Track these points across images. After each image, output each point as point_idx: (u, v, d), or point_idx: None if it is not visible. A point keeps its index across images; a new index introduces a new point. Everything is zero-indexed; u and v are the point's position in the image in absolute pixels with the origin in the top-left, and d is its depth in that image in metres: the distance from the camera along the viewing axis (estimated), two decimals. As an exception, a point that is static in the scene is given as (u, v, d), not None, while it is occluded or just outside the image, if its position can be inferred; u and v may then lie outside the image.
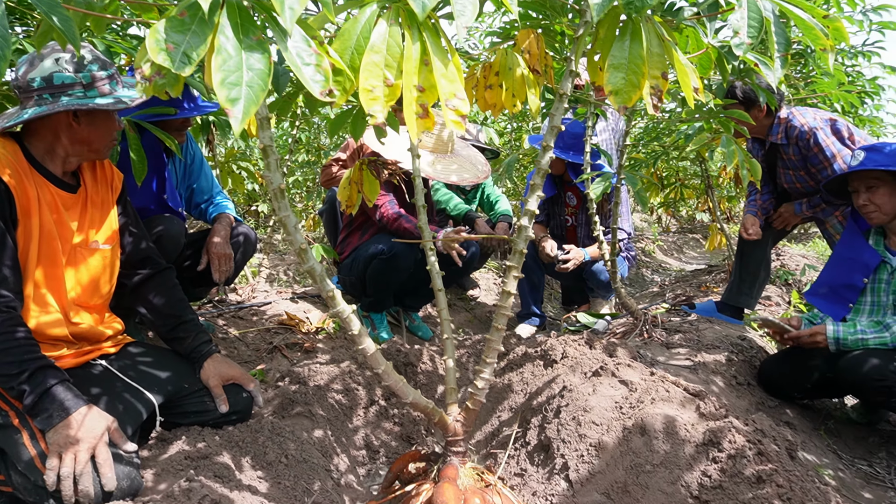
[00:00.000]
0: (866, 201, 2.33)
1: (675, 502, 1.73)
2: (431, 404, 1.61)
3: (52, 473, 1.43)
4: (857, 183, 2.36)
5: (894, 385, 2.18)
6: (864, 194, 2.33)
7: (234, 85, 0.74)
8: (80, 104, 1.62)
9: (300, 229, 1.35)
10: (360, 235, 3.14)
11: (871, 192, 2.32)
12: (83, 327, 1.77)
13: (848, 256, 2.49)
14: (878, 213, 2.33)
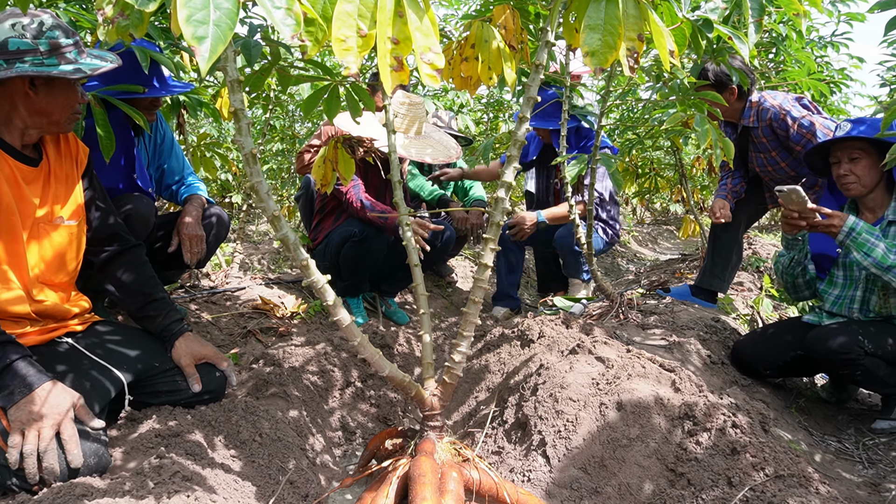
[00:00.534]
0: (847, 171, 2.34)
1: (651, 475, 1.74)
2: (408, 378, 1.59)
3: (15, 451, 1.38)
4: (841, 153, 2.36)
5: (858, 358, 2.23)
6: (846, 164, 2.34)
7: (201, 23, 0.71)
8: (36, 71, 1.54)
9: (272, 196, 1.31)
10: (333, 220, 3.11)
11: (854, 163, 2.33)
12: (47, 305, 1.72)
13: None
14: (857, 185, 2.34)
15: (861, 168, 2.32)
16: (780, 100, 2.90)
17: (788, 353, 2.52)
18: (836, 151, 2.39)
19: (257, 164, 1.28)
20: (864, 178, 2.33)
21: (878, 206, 2.39)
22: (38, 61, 1.56)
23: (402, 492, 1.55)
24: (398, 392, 2.43)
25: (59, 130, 1.74)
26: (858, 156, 2.33)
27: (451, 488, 1.51)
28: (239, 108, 1.23)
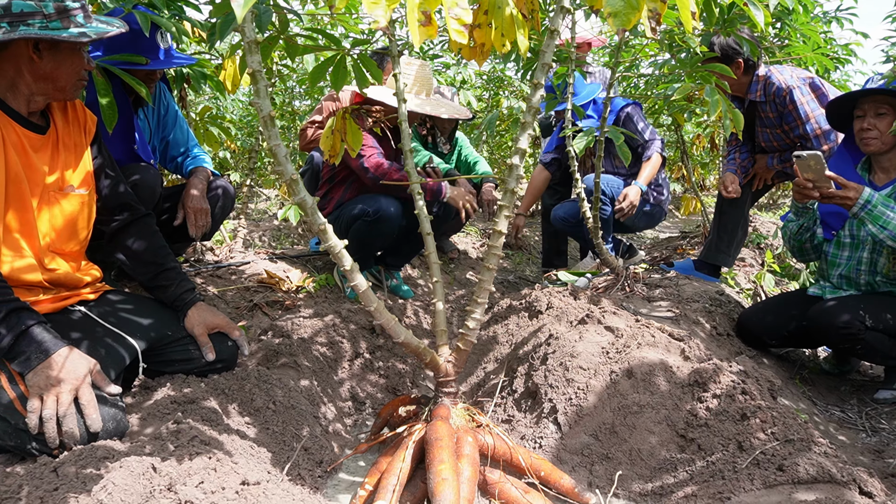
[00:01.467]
0: (871, 126, 2.30)
1: (662, 441, 1.76)
2: (423, 344, 1.60)
3: (34, 415, 1.38)
4: (868, 106, 2.32)
5: (858, 332, 2.25)
6: (871, 119, 2.31)
7: (236, -30, 0.71)
8: (40, 34, 1.51)
9: (290, 159, 1.31)
10: (343, 190, 3.07)
11: (879, 118, 2.29)
12: (59, 273, 1.71)
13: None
14: (878, 142, 2.31)
15: (885, 124, 2.28)
16: (786, 75, 2.88)
17: (792, 324, 2.54)
18: (863, 104, 2.34)
19: (275, 126, 1.27)
20: (886, 136, 2.29)
21: (893, 168, 2.37)
22: (43, 24, 1.53)
23: (419, 455, 1.57)
24: (406, 363, 2.45)
25: (65, 97, 1.71)
26: (886, 111, 2.29)
27: (467, 452, 1.53)
28: (256, 70, 1.22)
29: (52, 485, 1.21)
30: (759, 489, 1.49)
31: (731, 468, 1.60)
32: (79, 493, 1.15)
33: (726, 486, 1.54)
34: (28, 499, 1.18)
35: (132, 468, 1.05)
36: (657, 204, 3.61)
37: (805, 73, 2.95)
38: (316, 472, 1.69)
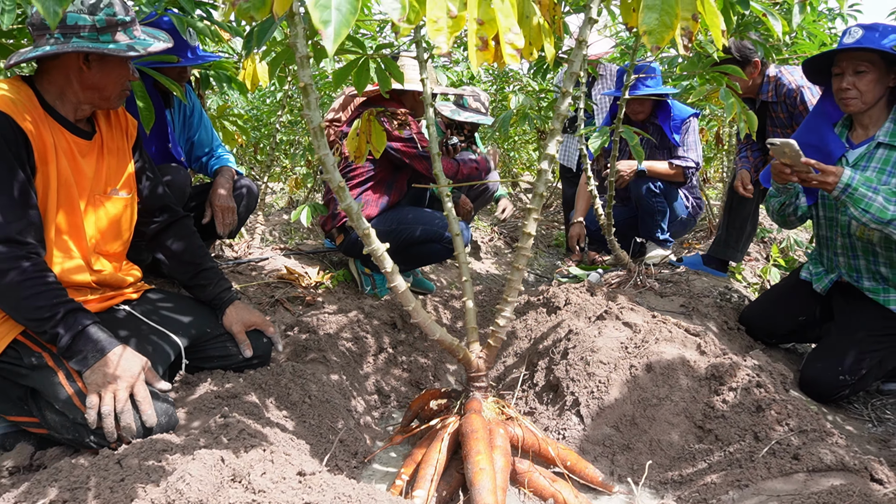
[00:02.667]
0: (850, 85, 2.17)
1: (680, 432, 1.85)
2: (457, 341, 1.68)
3: (93, 411, 1.46)
4: (846, 64, 2.18)
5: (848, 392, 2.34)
6: (850, 77, 2.17)
7: (325, 7, 0.77)
8: (91, 47, 1.58)
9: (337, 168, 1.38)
10: (383, 192, 3.04)
11: (858, 76, 2.16)
12: (105, 274, 1.79)
13: (813, 144, 2.35)
14: (858, 102, 2.19)
15: (865, 83, 2.15)
16: (796, 76, 2.95)
17: (792, 322, 2.62)
18: (841, 62, 2.20)
19: (324, 137, 1.34)
20: (867, 95, 2.16)
21: (873, 124, 2.26)
22: (94, 37, 1.60)
23: (453, 447, 1.65)
24: (428, 357, 2.53)
25: (110, 106, 1.77)
26: (865, 69, 2.15)
27: (500, 444, 1.61)
28: (308, 84, 1.29)
29: (118, 476, 1.29)
30: (776, 477, 1.58)
31: (748, 458, 1.69)
32: (145, 482, 1.24)
33: (744, 474, 1.62)
34: (97, 489, 1.26)
35: (205, 460, 1.12)
36: (693, 216, 3.82)
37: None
38: (352, 463, 1.78)
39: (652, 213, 3.61)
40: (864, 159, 2.24)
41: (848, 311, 2.46)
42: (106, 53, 1.61)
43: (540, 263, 4.72)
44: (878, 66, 2.16)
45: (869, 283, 2.38)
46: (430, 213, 3.02)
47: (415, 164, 2.92)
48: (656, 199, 3.58)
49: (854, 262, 2.40)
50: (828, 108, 2.37)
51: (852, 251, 2.38)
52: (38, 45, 1.60)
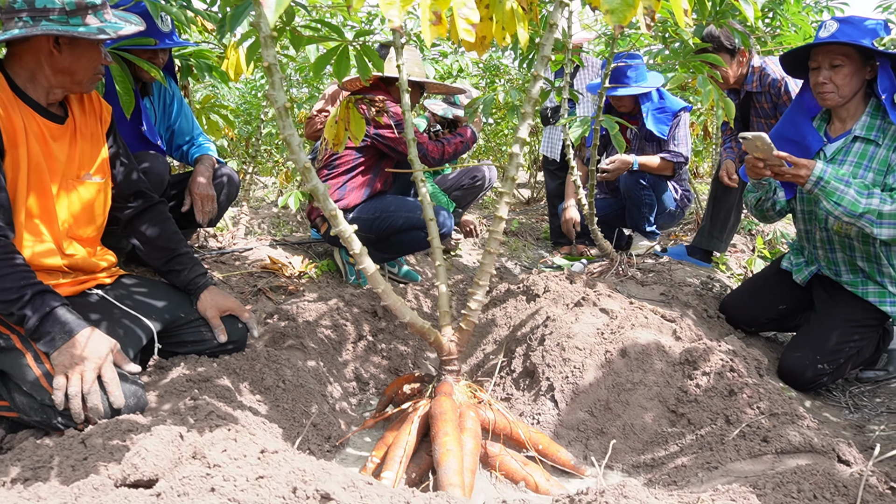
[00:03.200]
0: (826, 80, 2.17)
1: (654, 416, 1.86)
2: (428, 325, 1.68)
3: (60, 392, 1.46)
4: (822, 58, 2.17)
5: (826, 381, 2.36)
6: (826, 71, 2.16)
7: (267, -25, 0.77)
8: (60, 30, 1.57)
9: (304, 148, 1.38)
10: (368, 180, 3.05)
11: (835, 70, 2.15)
12: (77, 258, 1.78)
13: (792, 138, 2.35)
14: (835, 96, 2.18)
15: (841, 77, 2.15)
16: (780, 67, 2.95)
17: (770, 312, 2.63)
18: (817, 55, 2.19)
19: (289, 117, 1.34)
20: (843, 88, 2.16)
21: (850, 118, 2.26)
22: (63, 20, 1.59)
23: (424, 429, 1.65)
24: (408, 345, 2.53)
25: (82, 90, 1.76)
26: (841, 62, 2.14)
27: (469, 426, 1.62)
28: (272, 63, 1.29)
29: (81, 455, 1.29)
30: (745, 459, 1.59)
31: (718, 440, 1.69)
32: (108, 461, 1.24)
33: (714, 456, 1.63)
34: (60, 467, 1.26)
35: (162, 436, 1.13)
36: (682, 208, 3.83)
37: None
38: (325, 447, 1.78)
39: (639, 205, 3.62)
40: (842, 153, 2.24)
41: (827, 301, 2.47)
42: (76, 36, 1.60)
43: (528, 256, 4.72)
44: (854, 60, 2.16)
45: (847, 277, 2.39)
46: (412, 202, 3.03)
47: (401, 149, 2.92)
48: (644, 191, 3.59)
49: (832, 255, 2.41)
50: (806, 101, 2.36)
51: (830, 245, 2.39)
52: (7, 29, 1.59)
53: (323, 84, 5.18)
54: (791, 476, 1.39)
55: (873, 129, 2.19)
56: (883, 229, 2.03)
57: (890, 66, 2.15)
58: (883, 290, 2.32)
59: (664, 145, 3.57)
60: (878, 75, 2.14)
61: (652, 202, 3.63)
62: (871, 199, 2.04)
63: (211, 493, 0.96)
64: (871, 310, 2.35)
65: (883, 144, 2.16)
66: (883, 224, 2.03)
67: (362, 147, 3.01)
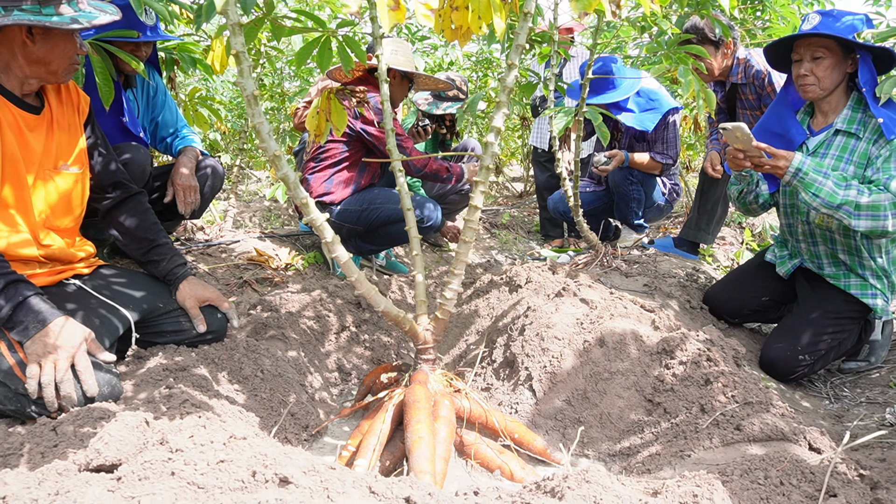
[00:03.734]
0: (808, 72, 2.19)
1: (630, 405, 1.86)
2: (403, 313, 1.69)
3: (34, 381, 1.46)
4: (804, 50, 2.20)
5: (806, 371, 2.37)
6: (808, 64, 2.19)
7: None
8: (32, 20, 1.55)
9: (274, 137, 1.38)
10: (355, 174, 3.05)
11: (816, 62, 2.18)
12: (54, 249, 1.78)
13: (776, 131, 2.38)
14: (816, 88, 2.21)
15: (822, 69, 2.17)
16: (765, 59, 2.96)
17: (754, 303, 2.64)
18: (799, 48, 2.22)
19: (258, 105, 1.34)
20: (825, 81, 2.19)
21: (832, 111, 2.28)
22: (36, 10, 1.57)
23: (398, 418, 1.66)
24: (391, 336, 2.54)
25: (57, 80, 1.75)
26: (822, 55, 2.17)
27: (444, 414, 1.62)
28: (240, 51, 1.29)
29: (51, 442, 1.29)
30: (718, 447, 1.60)
31: (693, 429, 1.70)
32: (77, 448, 1.24)
33: (687, 444, 1.64)
34: (30, 454, 1.26)
35: (127, 421, 1.13)
36: (670, 202, 3.83)
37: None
38: (302, 436, 1.79)
39: (628, 199, 3.62)
40: (824, 146, 2.26)
41: (810, 293, 2.48)
42: (48, 26, 1.58)
43: (518, 249, 4.73)
44: (835, 52, 2.17)
45: (830, 270, 2.40)
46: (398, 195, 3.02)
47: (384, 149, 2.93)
48: (633, 186, 3.59)
49: (814, 248, 2.42)
50: (791, 95, 2.38)
51: (812, 238, 2.40)
52: None
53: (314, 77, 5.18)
54: (759, 463, 1.39)
55: (854, 122, 2.20)
56: (861, 221, 2.03)
57: (871, 59, 2.16)
58: (864, 283, 2.33)
59: (653, 145, 3.57)
60: (859, 68, 2.15)
61: (640, 197, 3.64)
62: (849, 191, 2.04)
63: (171, 476, 0.96)
64: (853, 302, 2.36)
65: (863, 138, 2.17)
66: (861, 216, 2.03)
67: (348, 140, 3.01)
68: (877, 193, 2.02)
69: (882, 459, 1.74)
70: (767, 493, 1.26)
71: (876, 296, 2.33)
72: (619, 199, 3.70)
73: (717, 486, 1.24)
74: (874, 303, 2.33)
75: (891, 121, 2.08)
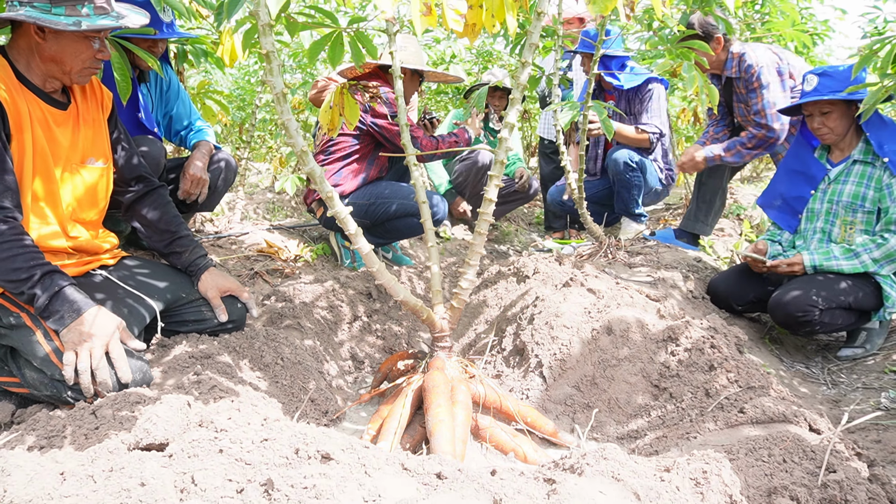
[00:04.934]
0: (820, 125, 2.52)
1: (637, 390, 1.94)
2: (420, 302, 1.76)
3: (70, 368, 1.53)
4: (812, 108, 2.54)
5: (815, 318, 2.43)
6: (819, 118, 2.52)
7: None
8: (33, 17, 1.58)
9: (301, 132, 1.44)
10: (364, 167, 3.11)
11: (826, 116, 2.50)
12: (81, 240, 1.84)
13: (798, 170, 2.70)
14: (831, 135, 2.54)
15: (833, 120, 2.50)
16: (759, 54, 3.01)
17: (757, 290, 2.72)
18: (807, 106, 2.56)
19: (287, 103, 1.40)
20: (837, 128, 2.51)
21: (847, 147, 2.59)
22: (46, 8, 1.59)
23: (417, 403, 1.73)
24: (402, 325, 2.61)
25: (71, 81, 1.76)
26: (829, 109, 2.49)
27: (461, 399, 1.69)
28: (270, 51, 1.35)
29: (93, 424, 1.36)
30: (722, 429, 1.67)
31: (698, 412, 1.78)
32: (118, 429, 1.31)
33: (693, 427, 1.71)
34: (73, 436, 1.33)
35: (171, 403, 1.20)
36: (666, 185, 3.91)
37: (775, 59, 3.08)
38: (322, 421, 1.86)
39: (629, 187, 3.69)
40: (844, 174, 2.57)
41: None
42: (43, 25, 1.59)
43: (521, 240, 4.80)
44: (840, 105, 2.49)
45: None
46: (406, 188, 3.09)
47: (396, 141, 2.98)
48: (633, 173, 3.66)
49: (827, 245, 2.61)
50: (806, 136, 2.72)
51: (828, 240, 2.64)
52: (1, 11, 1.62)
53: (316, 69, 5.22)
54: (763, 442, 1.47)
55: (869, 153, 2.52)
56: (884, 268, 2.41)
57: None
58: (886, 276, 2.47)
59: (638, 118, 3.65)
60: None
61: (640, 183, 3.71)
62: (861, 258, 2.41)
63: (219, 454, 1.03)
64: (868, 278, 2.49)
65: (878, 166, 2.48)
66: (882, 265, 2.41)
67: (358, 134, 3.06)
68: (883, 243, 2.38)
69: (878, 441, 1.83)
70: (771, 470, 1.33)
71: (893, 287, 2.44)
72: (619, 187, 3.77)
73: (725, 463, 1.32)
74: (889, 293, 2.42)
75: (894, 154, 2.41)
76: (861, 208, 2.50)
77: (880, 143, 2.45)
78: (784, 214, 2.76)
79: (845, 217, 2.54)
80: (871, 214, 2.49)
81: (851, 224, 2.53)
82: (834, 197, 2.58)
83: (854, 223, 2.52)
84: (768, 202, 2.83)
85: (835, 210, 2.56)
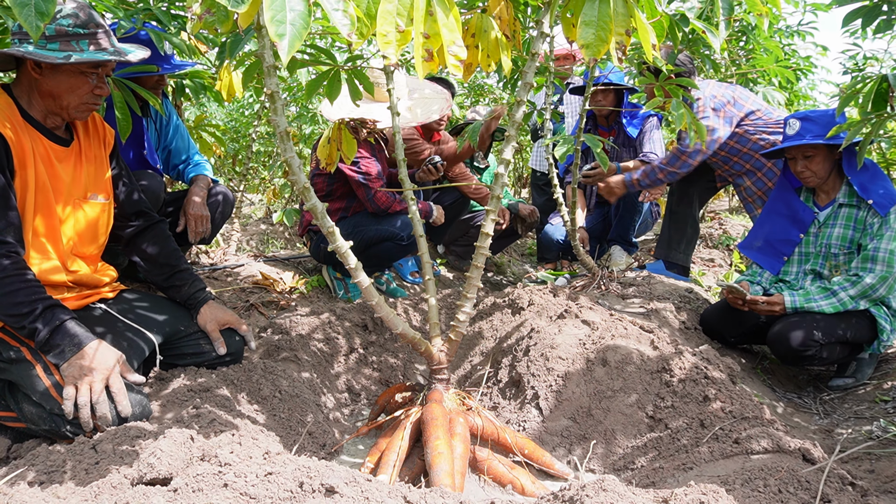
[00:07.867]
0: (804, 168, 2.57)
1: (633, 421, 1.96)
2: (419, 335, 1.78)
3: (70, 402, 1.53)
4: (795, 151, 2.59)
5: (816, 353, 2.47)
6: (802, 161, 2.57)
7: (281, 23, 0.88)
8: (32, 53, 1.61)
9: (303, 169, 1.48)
10: (345, 206, 3.19)
11: (808, 160, 2.56)
12: (81, 274, 1.86)
13: (784, 213, 2.74)
14: (814, 178, 2.59)
15: (816, 164, 2.55)
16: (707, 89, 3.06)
17: (751, 322, 2.76)
18: (790, 150, 2.61)
19: (290, 140, 1.44)
20: (820, 171, 2.57)
21: (831, 189, 2.64)
22: (41, 44, 1.63)
23: (416, 435, 1.74)
24: (398, 357, 2.62)
25: (70, 117, 1.79)
26: (812, 154, 2.55)
27: (459, 431, 1.71)
28: (275, 91, 1.39)
29: (93, 459, 1.36)
30: (718, 460, 1.69)
31: (693, 443, 1.80)
32: (119, 464, 1.31)
33: (689, 458, 1.73)
34: (73, 471, 1.33)
35: (175, 438, 1.20)
36: (655, 218, 4.02)
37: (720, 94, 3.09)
38: (320, 454, 1.86)
39: (633, 212, 3.79)
40: (832, 218, 2.62)
41: None
42: (38, 60, 1.63)
43: (513, 272, 4.84)
44: (821, 149, 2.55)
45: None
46: (386, 218, 3.14)
47: (359, 192, 3.07)
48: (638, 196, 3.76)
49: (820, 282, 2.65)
50: (790, 179, 2.77)
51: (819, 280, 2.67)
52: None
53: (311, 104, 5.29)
54: (758, 473, 1.49)
55: (854, 196, 2.58)
56: (860, 303, 2.44)
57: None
58: (879, 307, 2.51)
59: (641, 148, 3.74)
60: (844, 157, 2.53)
61: (642, 208, 3.81)
62: (838, 296, 2.44)
63: (224, 488, 1.04)
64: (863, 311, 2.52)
65: (863, 208, 2.55)
66: (859, 302, 2.44)
67: (332, 174, 3.10)
68: (857, 281, 2.42)
69: (871, 470, 1.85)
70: (767, 500, 1.35)
71: (887, 321, 2.50)
72: (624, 211, 3.85)
73: (722, 493, 1.33)
74: (884, 326, 2.48)
75: (877, 196, 2.48)
76: (847, 250, 2.56)
77: (863, 186, 2.51)
78: (767, 256, 2.81)
79: (832, 261, 2.62)
80: (853, 255, 2.55)
81: (836, 267, 2.59)
82: (823, 240, 2.63)
83: (838, 266, 2.59)
84: (748, 244, 2.89)
85: (824, 253, 2.62)
